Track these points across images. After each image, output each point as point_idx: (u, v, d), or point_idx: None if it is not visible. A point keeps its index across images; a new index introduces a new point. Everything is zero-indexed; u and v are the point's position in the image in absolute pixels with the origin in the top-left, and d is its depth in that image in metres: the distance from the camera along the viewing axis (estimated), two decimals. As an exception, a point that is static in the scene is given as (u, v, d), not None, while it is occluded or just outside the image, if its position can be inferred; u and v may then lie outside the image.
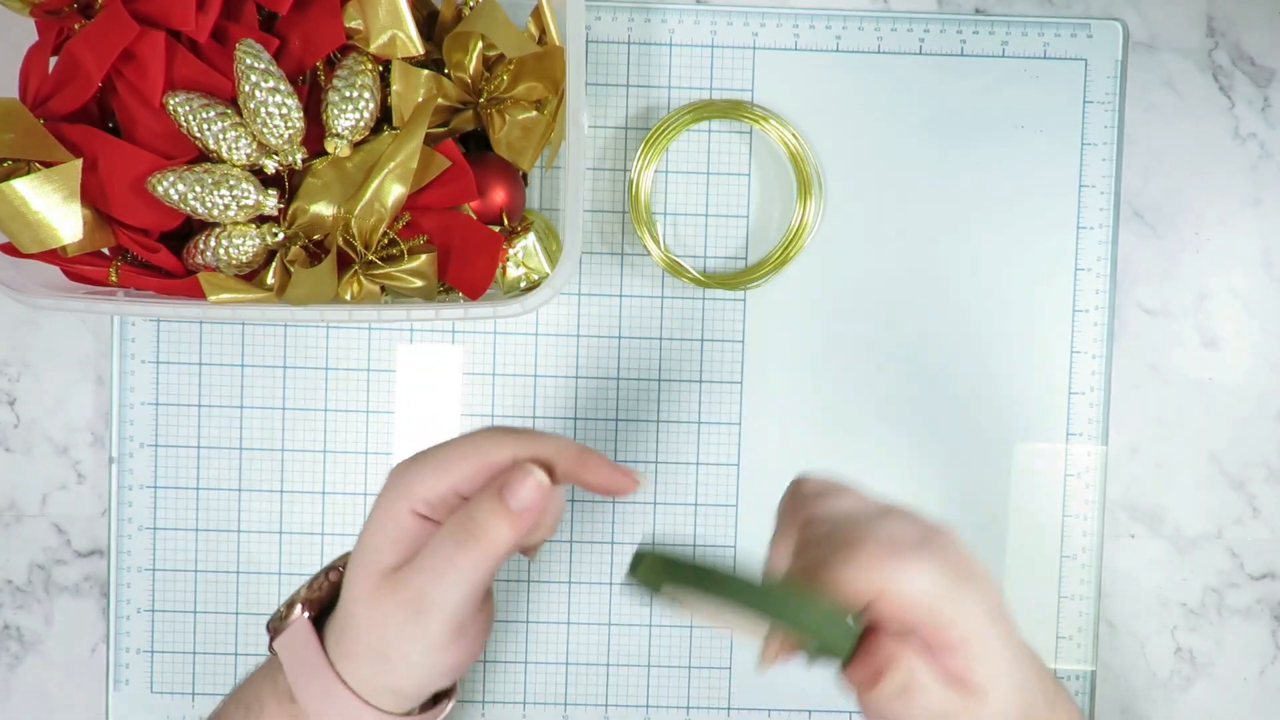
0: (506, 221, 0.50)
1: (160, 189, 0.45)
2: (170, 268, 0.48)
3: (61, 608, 0.55)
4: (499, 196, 0.49)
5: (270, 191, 0.46)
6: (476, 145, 0.51)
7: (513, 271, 0.51)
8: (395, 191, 0.45)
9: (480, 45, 0.47)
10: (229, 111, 0.45)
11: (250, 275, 0.48)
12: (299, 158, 0.46)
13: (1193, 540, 0.56)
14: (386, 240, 0.46)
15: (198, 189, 0.45)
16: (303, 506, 0.55)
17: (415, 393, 0.55)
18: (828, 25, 0.54)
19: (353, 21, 0.46)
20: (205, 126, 0.45)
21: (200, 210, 0.45)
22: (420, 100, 0.47)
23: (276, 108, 0.44)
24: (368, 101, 0.46)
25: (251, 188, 0.46)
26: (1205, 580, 0.56)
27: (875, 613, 0.33)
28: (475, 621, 0.39)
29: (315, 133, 0.47)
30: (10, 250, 0.46)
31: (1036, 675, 0.36)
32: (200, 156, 0.46)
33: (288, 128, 0.45)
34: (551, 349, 0.55)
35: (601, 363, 0.55)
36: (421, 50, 0.46)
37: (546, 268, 0.51)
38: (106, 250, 0.49)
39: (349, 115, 0.46)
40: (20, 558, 0.55)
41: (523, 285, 0.51)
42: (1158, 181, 0.55)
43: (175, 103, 0.44)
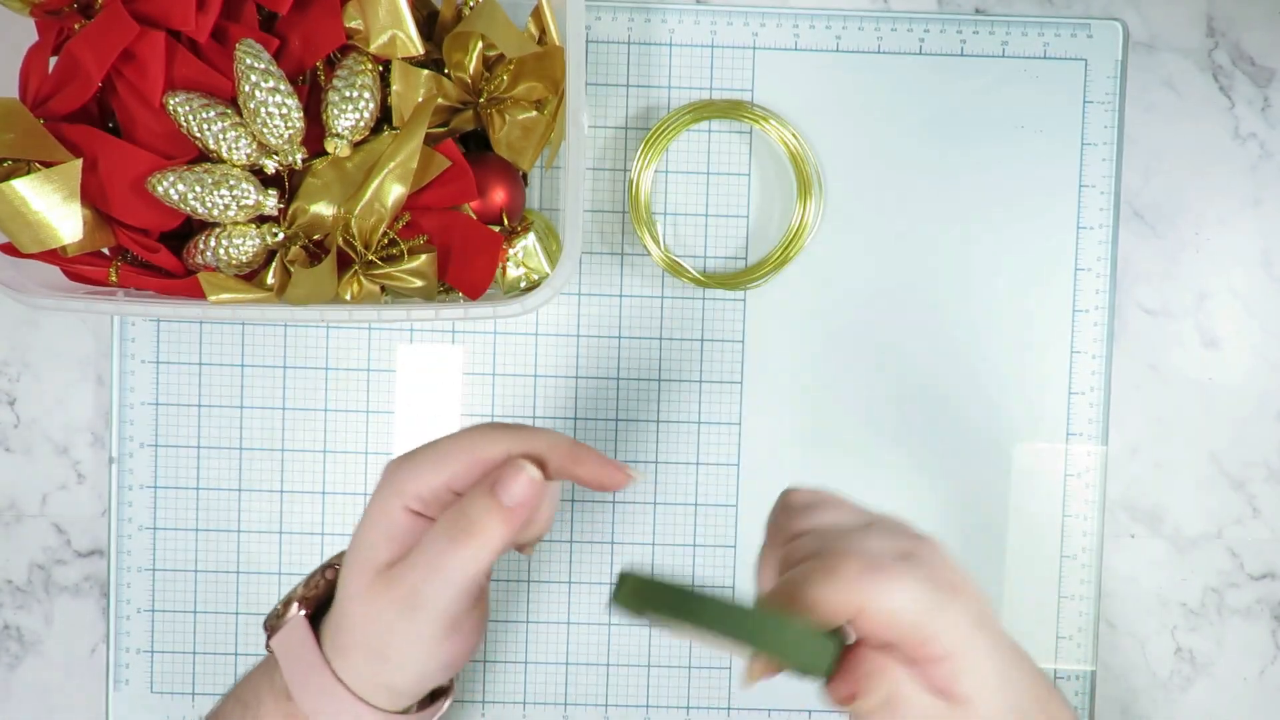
0: (506, 221, 0.50)
1: (160, 189, 0.45)
2: (170, 268, 0.48)
3: (61, 608, 0.55)
4: (499, 196, 0.49)
5: (270, 191, 0.46)
6: (476, 145, 0.51)
7: (513, 271, 0.51)
8: (395, 191, 0.45)
9: (480, 45, 0.47)
10: (229, 111, 0.45)
11: (250, 275, 0.48)
12: (299, 158, 0.46)
13: (1193, 540, 0.56)
14: (386, 240, 0.46)
15: (198, 189, 0.45)
16: (303, 506, 0.55)
17: (415, 393, 0.55)
18: (828, 25, 0.54)
19: (353, 21, 0.46)
20: (205, 126, 0.45)
21: (200, 210, 0.45)
22: (420, 100, 0.47)
23: (276, 108, 0.44)
24: (368, 101, 0.46)
25: (251, 188, 0.46)
26: (1205, 580, 0.56)
27: (857, 629, 0.33)
28: (470, 618, 0.39)
29: (315, 133, 0.47)
30: (10, 250, 0.46)
31: (1029, 681, 0.36)
32: (200, 156, 0.46)
33: (288, 128, 0.45)
34: (551, 349, 0.55)
35: (601, 363, 0.55)
36: (421, 50, 0.46)
37: (546, 268, 0.51)
38: (106, 250, 0.49)
39: (349, 115, 0.46)
40: (20, 558, 0.55)
41: (523, 285, 0.51)
42: (1158, 181, 0.55)
43: (175, 103, 0.44)
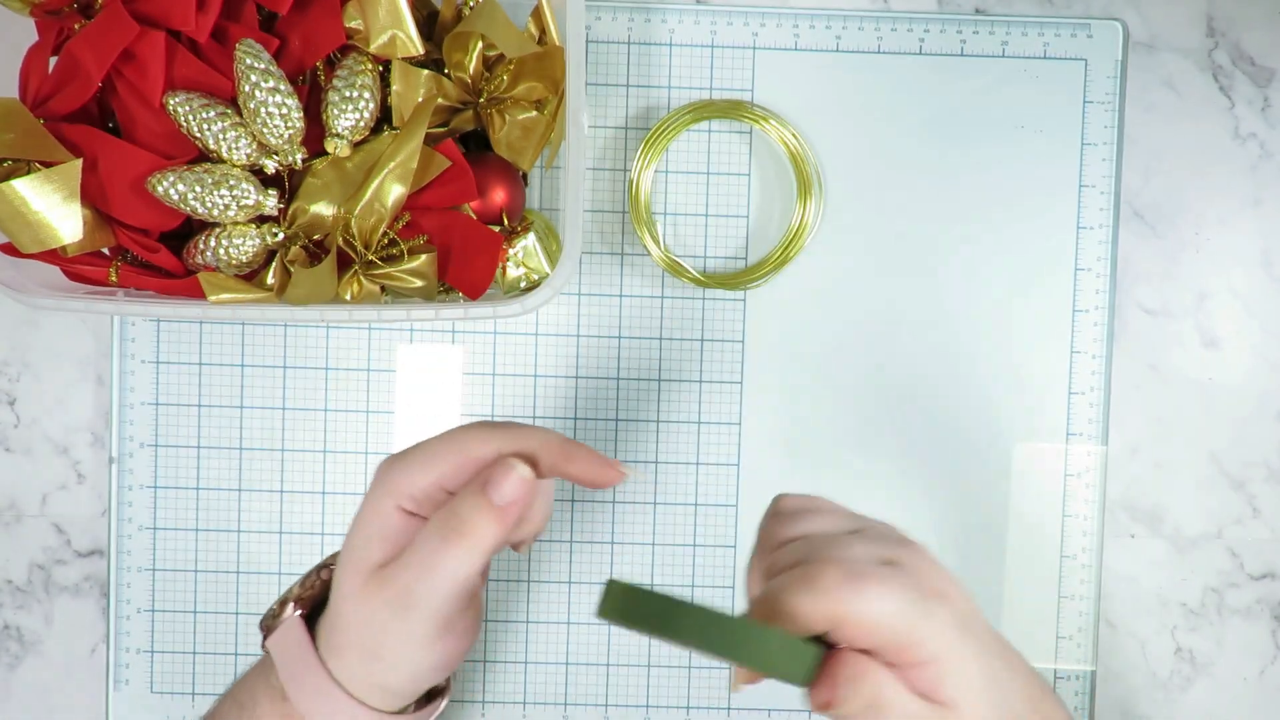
0: (506, 221, 0.50)
1: (160, 189, 0.45)
2: (170, 268, 0.48)
3: (61, 608, 0.55)
4: (499, 196, 0.49)
5: (270, 191, 0.46)
6: (476, 145, 0.51)
7: (513, 271, 0.51)
8: (395, 191, 0.45)
9: (480, 45, 0.47)
10: (229, 111, 0.45)
11: (250, 275, 0.48)
12: (299, 158, 0.46)
13: (1193, 540, 0.56)
14: (386, 240, 0.46)
15: (198, 189, 0.45)
16: (303, 506, 0.55)
17: (415, 393, 0.55)
18: (828, 25, 0.54)
19: (353, 21, 0.46)
20: (205, 126, 0.45)
21: (200, 210, 0.45)
22: (420, 100, 0.47)
23: (276, 108, 0.44)
24: (368, 101, 0.46)
25: (251, 188, 0.46)
26: (1205, 580, 0.56)
27: (838, 636, 0.34)
28: (464, 618, 0.39)
29: (315, 133, 0.47)
30: (10, 250, 0.46)
31: (1020, 684, 0.36)
32: (200, 156, 0.46)
33: (288, 128, 0.45)
34: (551, 349, 0.55)
35: (601, 363, 0.55)
36: (421, 50, 0.46)
37: (546, 268, 0.51)
38: (106, 250, 0.49)
39: (349, 115, 0.46)
40: (20, 558, 0.55)
41: (523, 285, 0.51)
42: (1158, 181, 0.55)
43: (175, 103, 0.44)
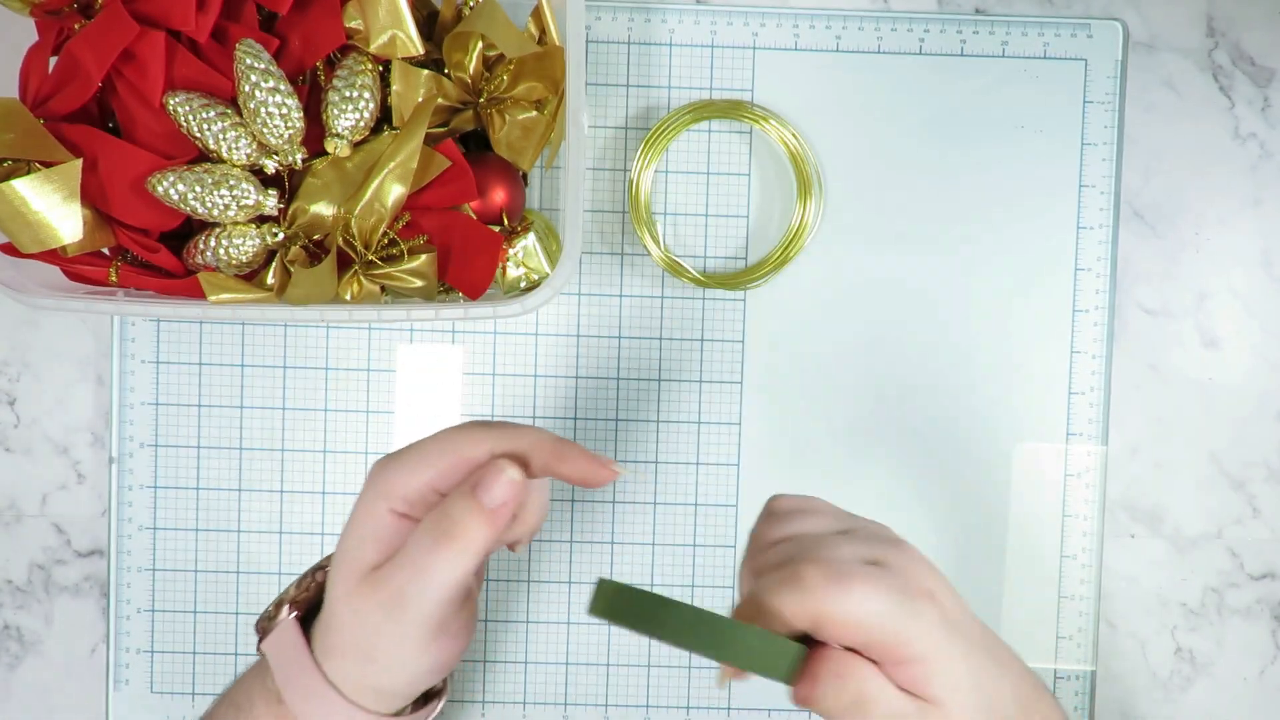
0: (506, 221, 0.50)
1: (160, 189, 0.45)
2: (170, 268, 0.48)
3: (61, 608, 0.55)
4: (499, 196, 0.49)
5: (270, 191, 0.46)
6: (476, 145, 0.51)
7: (513, 271, 0.51)
8: (395, 191, 0.45)
9: (480, 45, 0.47)
10: (229, 111, 0.45)
11: (250, 275, 0.48)
12: (299, 158, 0.46)
13: (1193, 540, 0.56)
14: (386, 240, 0.46)
15: (198, 189, 0.45)
16: (303, 506, 0.55)
17: (415, 393, 0.55)
18: (828, 25, 0.54)
19: (353, 21, 0.46)
20: (205, 126, 0.45)
21: (200, 210, 0.45)
22: (420, 100, 0.47)
23: (276, 108, 0.44)
24: (368, 101, 0.46)
25: (251, 188, 0.46)
26: (1205, 580, 0.56)
27: (822, 634, 0.34)
28: (457, 619, 0.39)
29: (315, 133, 0.47)
30: (10, 250, 0.46)
31: (1011, 684, 0.37)
32: (200, 156, 0.46)
33: (288, 128, 0.45)
34: (551, 349, 0.55)
35: (601, 363, 0.55)
36: (421, 50, 0.46)
37: (546, 268, 0.51)
38: (106, 250, 0.49)
39: (349, 115, 0.46)
40: (20, 558, 0.55)
41: (523, 285, 0.51)
42: (1158, 181, 0.55)
43: (175, 103, 0.44)
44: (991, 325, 0.55)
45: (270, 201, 0.46)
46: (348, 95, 0.46)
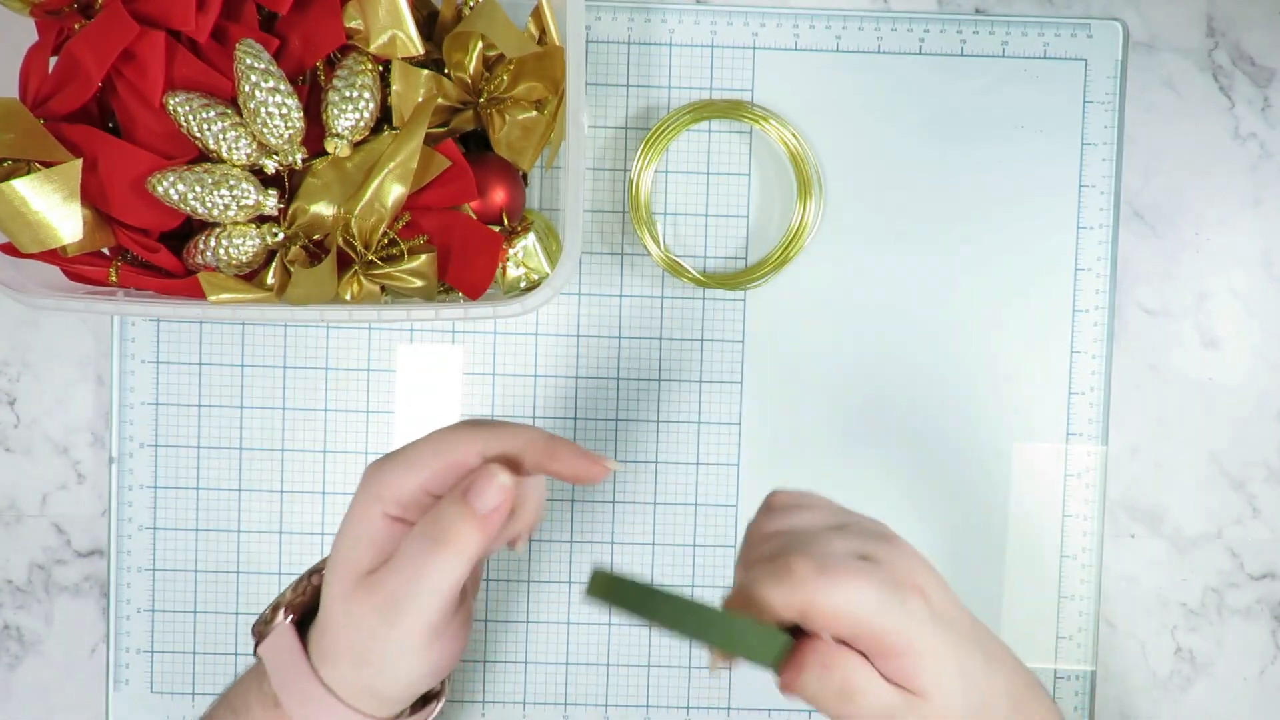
0: (506, 221, 0.50)
1: (160, 189, 0.45)
2: (170, 268, 0.48)
3: (61, 608, 0.55)
4: (499, 196, 0.49)
5: (270, 191, 0.46)
6: (476, 145, 0.51)
7: (513, 271, 0.51)
8: (395, 191, 0.45)
9: (480, 45, 0.47)
10: (229, 111, 0.45)
11: (250, 275, 0.48)
12: (299, 158, 0.46)
13: (1193, 540, 0.56)
14: (386, 240, 0.46)
15: (198, 189, 0.45)
16: (303, 506, 0.55)
17: (415, 393, 0.55)
18: (828, 25, 0.54)
19: (353, 21, 0.46)
20: (205, 126, 0.45)
21: (200, 210, 0.45)
22: (420, 100, 0.47)
23: (276, 108, 0.44)
24: (368, 101, 0.46)
25: (251, 188, 0.46)
26: (1205, 580, 0.56)
27: (810, 625, 0.34)
28: (453, 623, 0.39)
29: (315, 133, 0.47)
30: (10, 250, 0.46)
31: (1003, 679, 0.37)
32: (200, 156, 0.46)
33: (288, 128, 0.45)
34: (551, 349, 0.55)
35: (601, 363, 0.55)
36: (421, 50, 0.46)
37: (546, 268, 0.51)
38: (106, 250, 0.49)
39: (349, 115, 0.46)
40: (20, 558, 0.55)
41: (523, 285, 0.51)
42: (1158, 181, 0.55)
43: (175, 103, 0.44)
44: (992, 325, 0.55)
45: (270, 201, 0.46)
46: (348, 95, 0.46)
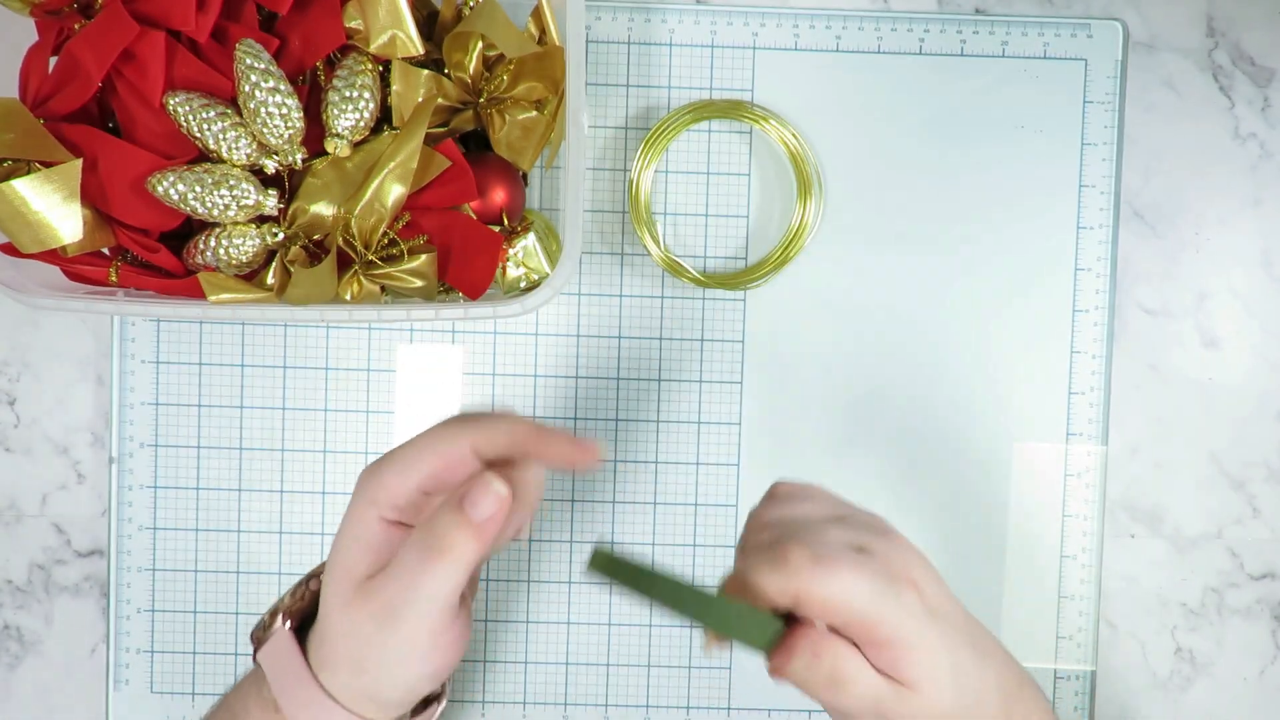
0: (506, 221, 0.50)
1: (160, 189, 0.45)
2: (170, 268, 0.48)
3: (61, 608, 0.55)
4: (499, 196, 0.49)
5: (270, 191, 0.46)
6: (476, 145, 0.51)
7: (513, 271, 0.51)
8: (395, 191, 0.45)
9: (480, 45, 0.47)
10: (229, 111, 0.45)
11: (250, 275, 0.48)
12: (299, 158, 0.46)
13: (1193, 540, 0.56)
14: (386, 240, 0.46)
15: (198, 189, 0.45)
16: (303, 506, 0.55)
17: (415, 393, 0.55)
18: (828, 25, 0.54)
19: (353, 21, 0.46)
20: (205, 126, 0.45)
21: (200, 210, 0.45)
22: (420, 100, 0.47)
23: (276, 108, 0.44)
24: (368, 101, 0.46)
25: (251, 188, 0.46)
26: (1205, 580, 0.56)
27: (804, 613, 0.35)
28: (452, 628, 0.39)
29: (315, 133, 0.47)
30: (10, 250, 0.46)
31: (993, 673, 0.37)
32: (200, 156, 0.46)
33: (288, 128, 0.45)
34: (551, 349, 0.55)
35: (601, 363, 0.55)
36: (421, 50, 0.46)
37: (546, 268, 0.51)
38: (106, 250, 0.49)
39: (349, 115, 0.46)
40: (20, 558, 0.55)
41: (523, 285, 0.51)
42: (1158, 181, 0.55)
43: (175, 103, 0.44)
44: (992, 325, 0.55)
45: (270, 201, 0.46)
46: (348, 95, 0.46)
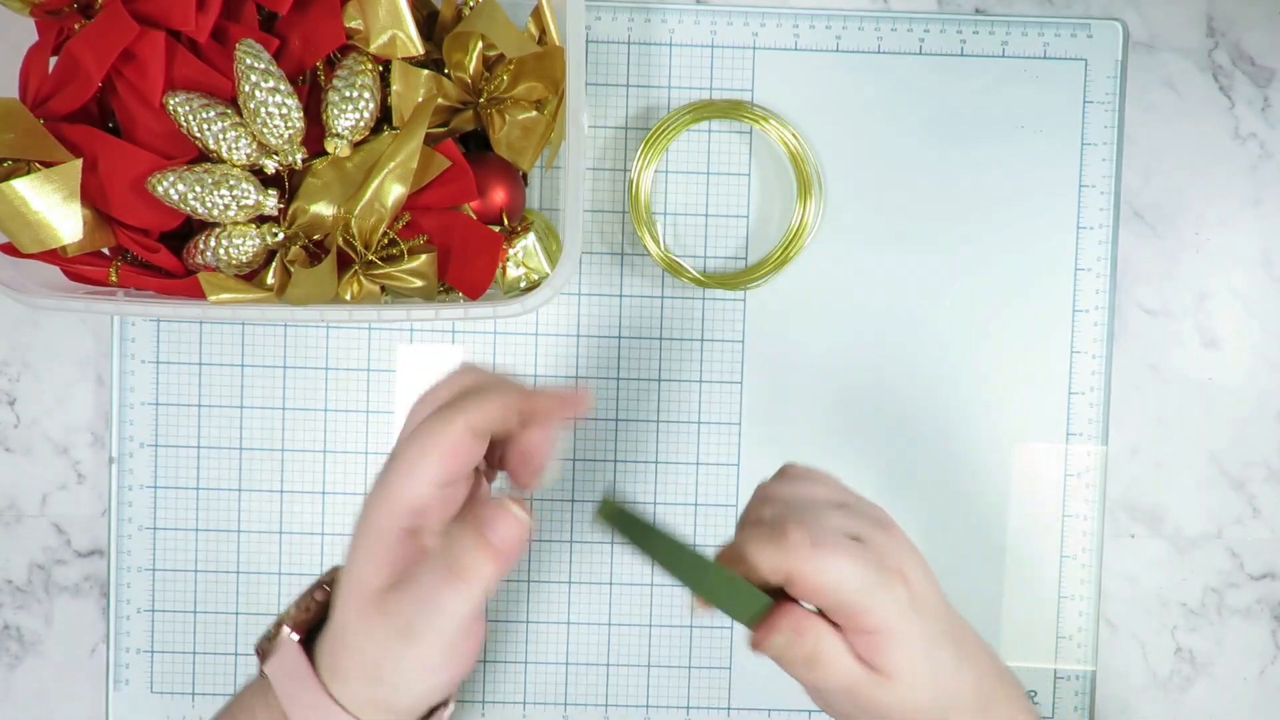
0: (506, 221, 0.50)
1: (160, 189, 0.45)
2: (170, 268, 0.48)
3: (61, 608, 0.55)
4: (499, 196, 0.49)
5: (270, 191, 0.46)
6: (476, 145, 0.51)
7: (513, 271, 0.51)
8: (395, 191, 0.45)
9: (480, 45, 0.47)
10: (229, 111, 0.45)
11: (250, 275, 0.48)
12: (299, 158, 0.46)
13: (1193, 540, 0.56)
14: (386, 240, 0.46)
15: (198, 189, 0.45)
16: (303, 506, 0.55)
17: (415, 393, 0.55)
18: (828, 25, 0.54)
19: (353, 21, 0.46)
20: (205, 126, 0.45)
21: (200, 210, 0.45)
22: (420, 100, 0.47)
23: (276, 108, 0.44)
24: (368, 101, 0.46)
25: (251, 188, 0.46)
26: (1205, 580, 0.56)
27: (794, 592, 0.36)
28: (468, 641, 0.39)
29: (315, 133, 0.47)
30: (10, 250, 0.46)
31: (972, 670, 0.38)
32: (200, 156, 0.46)
33: (288, 128, 0.45)
34: (551, 349, 0.55)
35: (601, 363, 0.55)
36: (421, 50, 0.46)
37: (546, 268, 0.51)
38: (106, 250, 0.49)
39: (349, 115, 0.46)
40: (20, 558, 0.55)
41: (523, 285, 0.51)
42: (1158, 181, 0.55)
43: (175, 103, 0.44)
44: (992, 325, 0.55)
45: (270, 201, 0.46)
46: (348, 95, 0.46)
